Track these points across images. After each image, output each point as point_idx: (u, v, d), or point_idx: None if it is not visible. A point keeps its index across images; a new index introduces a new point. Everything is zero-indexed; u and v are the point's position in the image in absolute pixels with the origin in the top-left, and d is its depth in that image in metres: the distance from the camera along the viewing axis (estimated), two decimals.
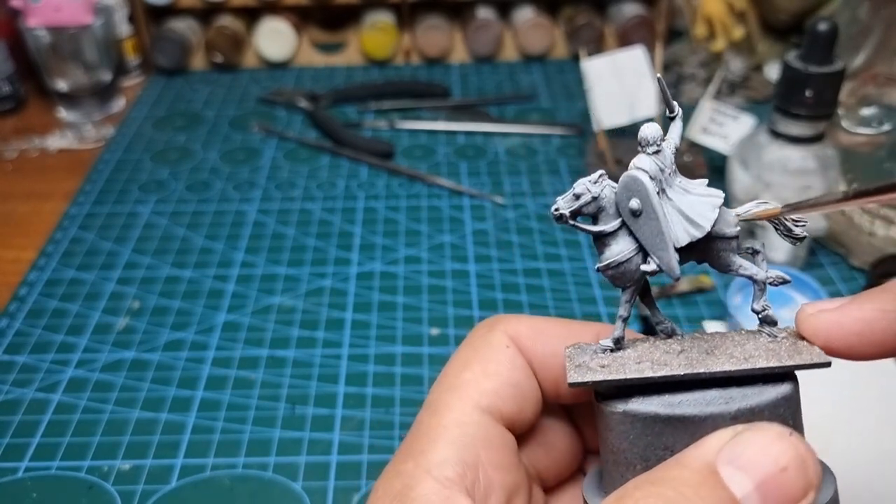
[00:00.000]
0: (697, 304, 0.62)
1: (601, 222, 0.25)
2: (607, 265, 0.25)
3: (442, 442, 0.26)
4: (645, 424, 0.23)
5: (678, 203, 0.25)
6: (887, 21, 0.66)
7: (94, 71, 0.91)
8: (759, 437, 0.21)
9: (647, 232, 0.24)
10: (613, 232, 0.25)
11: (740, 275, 0.25)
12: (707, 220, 0.24)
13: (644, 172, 0.24)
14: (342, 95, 0.94)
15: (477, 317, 0.61)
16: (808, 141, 0.60)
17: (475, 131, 0.89)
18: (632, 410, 0.24)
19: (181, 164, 0.83)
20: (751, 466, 0.21)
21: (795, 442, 0.21)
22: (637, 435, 0.24)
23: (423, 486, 0.25)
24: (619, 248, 0.25)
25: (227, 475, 0.49)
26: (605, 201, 0.25)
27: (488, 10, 1.04)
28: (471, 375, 0.28)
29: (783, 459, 0.21)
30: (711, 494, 0.21)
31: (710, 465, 0.21)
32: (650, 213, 0.24)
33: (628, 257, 0.25)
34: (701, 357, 0.24)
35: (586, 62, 0.75)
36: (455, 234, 0.71)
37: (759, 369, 0.24)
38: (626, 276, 0.25)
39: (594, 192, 0.25)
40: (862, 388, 0.55)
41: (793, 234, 0.26)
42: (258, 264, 0.67)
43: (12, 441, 0.51)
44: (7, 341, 0.59)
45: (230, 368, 0.57)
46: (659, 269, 0.25)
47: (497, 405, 0.28)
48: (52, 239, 0.71)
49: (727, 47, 0.93)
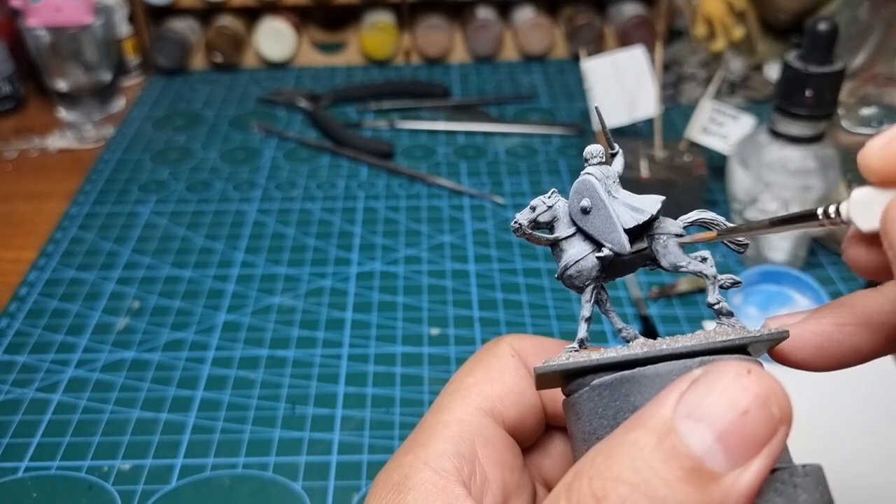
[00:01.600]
0: (697, 304, 0.62)
1: (556, 231, 0.28)
2: (565, 267, 0.27)
3: (441, 437, 0.27)
4: (612, 390, 0.24)
5: (624, 200, 0.27)
6: (887, 21, 0.66)
7: (94, 71, 0.91)
8: (715, 380, 0.20)
9: (598, 222, 0.27)
10: (568, 238, 0.27)
11: (690, 271, 0.27)
12: (651, 208, 0.26)
13: (591, 175, 0.27)
14: (342, 95, 0.94)
15: (477, 317, 0.61)
16: (808, 141, 0.60)
17: (475, 131, 0.89)
18: (598, 382, 0.24)
19: (181, 164, 0.83)
20: (709, 416, 0.20)
21: (755, 379, 0.20)
22: (605, 405, 0.24)
23: (420, 475, 0.25)
24: (575, 250, 0.27)
25: (227, 475, 0.49)
26: (559, 212, 0.27)
27: (488, 10, 1.04)
28: (474, 380, 0.29)
29: (743, 401, 0.20)
30: (669, 459, 0.19)
31: (667, 423, 0.20)
32: (599, 205, 0.26)
33: (583, 256, 0.27)
34: (662, 342, 0.25)
35: (586, 62, 0.75)
36: (455, 234, 0.71)
37: (720, 342, 0.24)
38: (583, 274, 0.27)
39: (549, 203, 0.27)
40: (862, 388, 0.55)
41: (736, 242, 0.28)
42: (258, 264, 0.67)
43: (12, 441, 0.51)
44: (7, 341, 0.59)
45: (230, 368, 0.57)
46: (612, 253, 0.26)
47: (498, 408, 0.28)
48: (53, 239, 0.71)
49: (727, 47, 0.93)
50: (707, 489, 0.19)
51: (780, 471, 0.22)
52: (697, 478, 0.19)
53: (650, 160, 0.72)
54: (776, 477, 0.22)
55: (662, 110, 0.77)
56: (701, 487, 0.19)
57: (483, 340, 0.59)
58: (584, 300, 0.27)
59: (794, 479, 0.22)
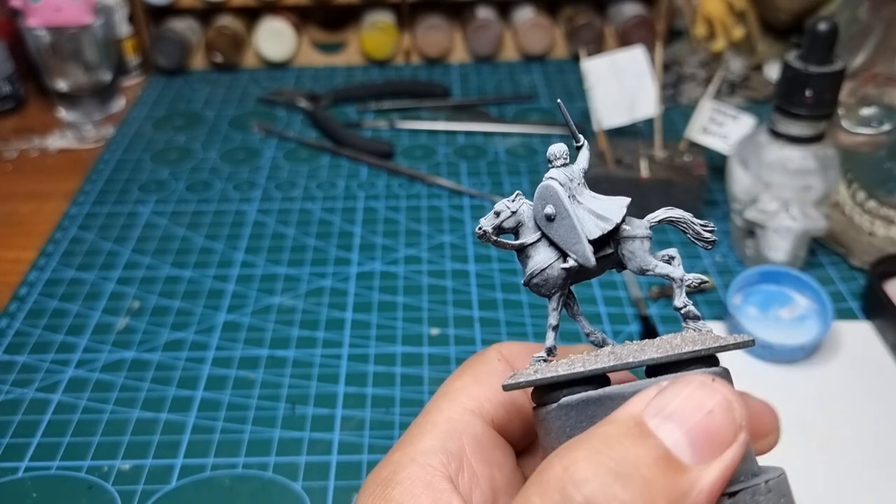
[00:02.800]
0: (697, 304, 0.62)
1: (522, 236, 0.27)
2: (531, 275, 0.27)
3: (429, 435, 0.27)
4: (579, 410, 0.24)
5: (589, 205, 0.26)
6: (887, 21, 0.66)
7: (94, 71, 0.91)
8: (682, 387, 0.22)
9: (562, 232, 0.26)
10: (534, 244, 0.27)
11: (657, 274, 0.26)
12: (616, 215, 0.26)
13: (554, 180, 0.26)
14: (342, 95, 0.94)
15: (477, 317, 0.61)
16: (808, 141, 0.60)
17: (475, 131, 0.89)
18: (566, 402, 0.24)
19: (181, 164, 0.83)
20: (677, 415, 0.21)
21: (719, 387, 0.22)
22: (573, 424, 0.24)
23: (407, 471, 0.26)
24: (541, 257, 0.27)
25: (227, 475, 0.49)
26: (523, 216, 0.27)
27: (488, 10, 1.04)
28: (462, 384, 0.30)
29: (709, 403, 0.21)
30: (639, 444, 0.21)
31: (636, 418, 0.21)
32: (563, 213, 0.26)
33: (549, 263, 0.26)
34: (630, 352, 0.25)
35: (586, 62, 0.75)
36: (455, 234, 0.71)
37: (687, 352, 0.24)
38: (549, 282, 0.27)
39: (513, 208, 0.27)
40: (862, 388, 0.55)
41: (703, 239, 0.27)
42: (258, 264, 0.67)
43: (12, 441, 0.51)
44: (7, 341, 0.59)
45: (230, 368, 0.57)
46: (577, 264, 0.26)
47: (486, 409, 0.29)
48: (53, 239, 0.71)
49: (727, 47, 0.93)
50: (675, 477, 0.20)
51: (743, 492, 0.22)
52: (666, 465, 0.20)
53: (650, 160, 0.72)
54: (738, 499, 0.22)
55: (662, 110, 0.77)
56: (669, 474, 0.20)
57: (483, 340, 0.59)
58: (551, 308, 0.27)
59: (757, 498, 0.23)
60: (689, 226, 0.27)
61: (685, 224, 0.27)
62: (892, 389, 0.55)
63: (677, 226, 0.27)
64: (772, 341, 0.56)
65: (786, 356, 0.56)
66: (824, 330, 0.56)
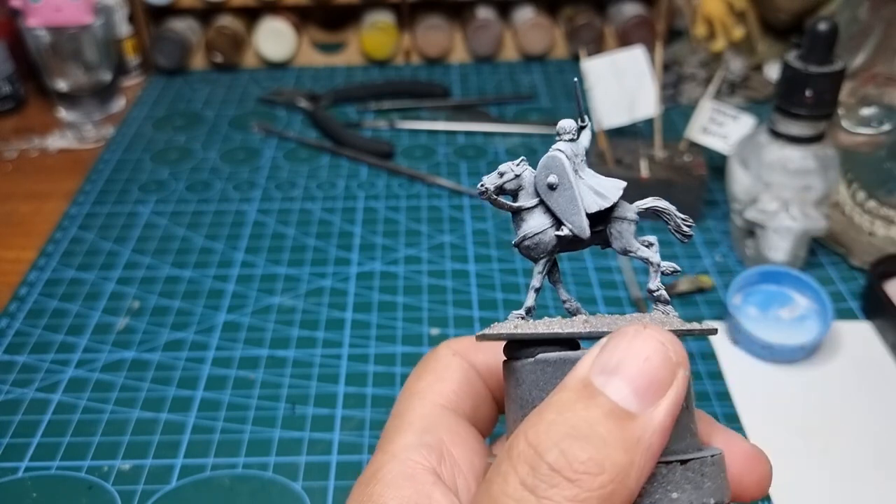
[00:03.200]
0: (697, 304, 0.62)
1: (520, 200, 0.28)
2: (524, 237, 0.28)
3: (407, 432, 0.29)
4: (556, 367, 0.25)
5: (589, 182, 0.28)
6: (887, 21, 0.66)
7: (94, 71, 0.91)
8: (619, 340, 0.23)
9: (562, 202, 0.27)
10: (530, 209, 0.28)
11: (638, 257, 0.28)
12: (613, 194, 0.27)
13: (561, 152, 0.28)
14: (342, 95, 0.94)
15: (477, 317, 0.61)
16: (808, 141, 0.60)
17: (475, 131, 0.89)
18: (543, 357, 0.26)
19: (181, 164, 0.83)
20: (619, 368, 0.23)
21: (652, 332, 0.23)
22: (547, 379, 0.25)
23: (388, 467, 0.27)
24: (535, 222, 0.28)
25: (227, 475, 0.49)
26: (525, 181, 0.28)
27: (488, 10, 1.04)
28: (426, 383, 0.31)
29: (644, 351, 0.23)
30: (589, 405, 0.22)
31: (584, 380, 0.23)
32: (566, 184, 0.27)
33: (543, 229, 0.28)
34: (603, 323, 0.27)
35: (586, 62, 0.75)
36: (455, 234, 0.71)
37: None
38: (539, 247, 0.28)
39: (517, 171, 0.28)
40: (862, 388, 0.55)
41: (681, 232, 0.29)
42: (258, 264, 0.67)
43: (12, 441, 0.51)
44: (7, 341, 0.59)
45: (230, 368, 0.57)
46: (572, 234, 0.27)
47: (454, 401, 0.31)
48: (52, 239, 0.71)
49: (727, 47, 0.93)
50: (626, 426, 0.22)
51: (692, 461, 0.24)
52: (616, 417, 0.22)
53: (650, 160, 0.72)
54: (689, 466, 0.24)
55: (662, 110, 0.77)
56: (620, 425, 0.22)
57: None
58: (537, 271, 0.28)
59: (703, 468, 0.24)
60: (671, 217, 0.29)
61: (669, 215, 0.29)
62: (892, 389, 0.55)
63: (661, 215, 0.29)
64: (772, 341, 0.56)
65: (786, 356, 0.56)
66: (824, 330, 0.56)
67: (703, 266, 0.66)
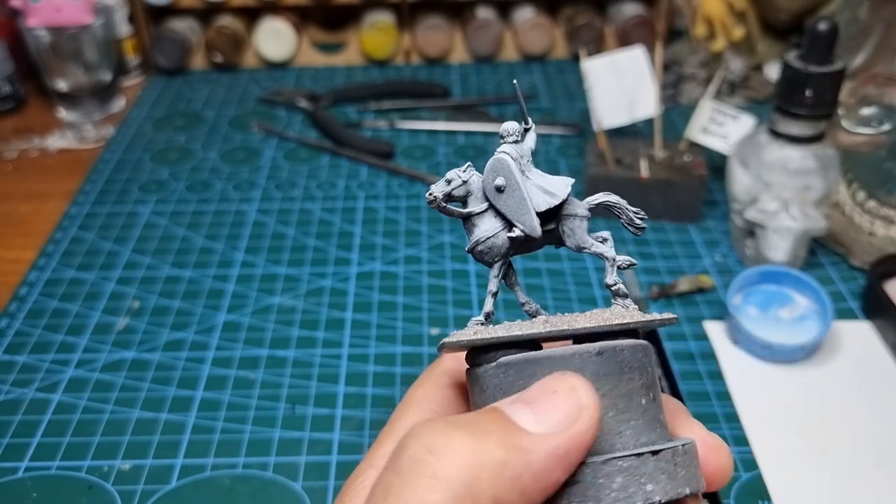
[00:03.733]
0: (697, 304, 0.62)
1: (470, 206, 0.28)
2: (476, 242, 0.28)
3: (391, 439, 0.28)
4: (519, 369, 0.25)
5: (537, 181, 0.28)
6: (887, 21, 0.66)
7: (94, 71, 0.91)
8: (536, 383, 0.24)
9: (512, 203, 0.27)
10: (481, 213, 0.28)
11: (593, 252, 0.28)
12: (562, 191, 0.27)
13: (506, 154, 0.27)
14: (342, 95, 0.94)
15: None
16: (808, 141, 0.60)
17: (475, 131, 0.89)
18: (505, 360, 0.26)
19: (181, 164, 0.83)
20: (524, 398, 0.24)
21: (570, 377, 0.24)
22: (510, 382, 0.25)
23: (364, 475, 0.27)
24: (487, 226, 0.28)
25: (227, 475, 0.49)
26: (473, 186, 0.28)
27: (488, 10, 1.04)
28: (424, 391, 0.31)
29: (554, 386, 0.24)
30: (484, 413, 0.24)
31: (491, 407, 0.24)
32: (513, 185, 0.27)
33: (495, 233, 0.28)
34: (563, 322, 0.26)
35: (586, 62, 0.75)
36: (455, 234, 0.71)
37: (618, 325, 0.26)
38: (493, 250, 0.28)
39: (464, 177, 0.28)
40: (862, 389, 0.55)
41: (634, 224, 0.29)
42: (258, 264, 0.67)
43: (12, 441, 0.51)
44: (7, 341, 0.59)
45: (230, 368, 0.57)
46: (523, 234, 0.27)
47: (451, 411, 0.30)
48: (52, 239, 0.71)
49: (727, 47, 0.93)
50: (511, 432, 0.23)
51: (663, 451, 0.24)
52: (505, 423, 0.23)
53: (650, 160, 0.72)
54: (661, 456, 0.24)
55: (662, 110, 0.77)
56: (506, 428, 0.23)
57: None
58: (493, 275, 0.28)
59: (675, 458, 0.25)
60: (622, 211, 0.29)
61: (619, 209, 0.29)
62: (892, 389, 0.55)
63: (612, 210, 0.29)
64: (772, 341, 0.56)
65: (786, 356, 0.56)
66: (824, 330, 0.56)
67: (703, 266, 0.66)
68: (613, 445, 0.25)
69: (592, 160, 0.73)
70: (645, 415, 0.25)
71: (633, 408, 0.25)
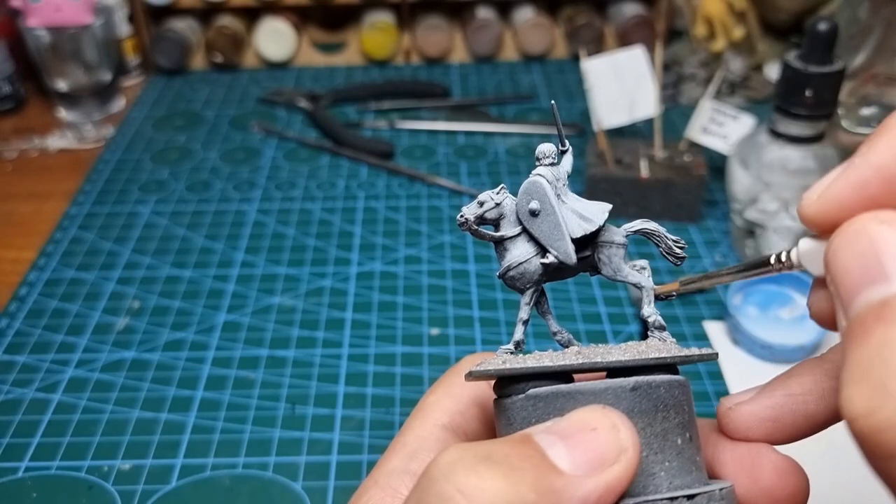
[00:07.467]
0: (697, 304, 0.62)
1: (503, 229, 0.27)
2: (508, 267, 0.27)
3: (396, 456, 0.28)
4: (547, 402, 0.24)
5: (572, 206, 0.27)
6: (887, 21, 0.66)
7: (94, 71, 0.91)
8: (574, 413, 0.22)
9: (546, 228, 0.26)
10: (513, 238, 0.27)
11: (629, 282, 0.27)
12: (599, 218, 0.26)
13: (541, 177, 0.26)
14: (342, 95, 0.94)
15: (477, 317, 0.61)
16: (808, 141, 0.60)
17: (475, 131, 0.89)
18: (534, 393, 0.24)
19: (181, 164, 0.83)
20: (562, 431, 0.22)
21: (610, 413, 0.22)
22: (539, 416, 0.24)
23: (369, 493, 0.26)
24: (519, 251, 0.27)
25: (227, 475, 0.49)
26: (506, 209, 0.27)
27: (488, 10, 1.04)
28: (435, 398, 0.30)
29: (594, 423, 0.22)
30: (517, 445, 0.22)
31: (525, 434, 0.22)
32: (548, 210, 0.26)
33: (528, 258, 0.27)
34: (597, 353, 0.25)
35: (586, 62, 0.75)
36: (455, 234, 0.71)
37: (654, 359, 0.25)
38: (525, 276, 0.27)
39: (497, 199, 0.27)
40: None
41: (673, 254, 0.28)
42: (258, 264, 0.67)
43: (12, 441, 0.51)
44: (7, 341, 0.59)
45: (230, 368, 0.57)
46: (557, 261, 0.26)
47: (459, 423, 0.29)
48: (52, 239, 0.71)
49: (727, 47, 0.93)
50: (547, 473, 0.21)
51: (698, 496, 0.23)
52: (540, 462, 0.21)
53: (650, 160, 0.72)
54: (696, 501, 0.23)
55: (662, 110, 0.77)
56: (541, 469, 0.21)
57: (483, 340, 0.59)
58: (524, 302, 0.27)
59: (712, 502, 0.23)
60: (661, 239, 0.28)
61: (658, 237, 0.28)
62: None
63: (651, 238, 0.28)
64: (772, 341, 0.56)
65: (786, 356, 0.56)
66: (824, 330, 0.56)
67: (703, 266, 0.66)
68: (646, 487, 0.23)
69: (592, 160, 0.73)
70: (680, 456, 0.24)
71: (668, 448, 0.24)
